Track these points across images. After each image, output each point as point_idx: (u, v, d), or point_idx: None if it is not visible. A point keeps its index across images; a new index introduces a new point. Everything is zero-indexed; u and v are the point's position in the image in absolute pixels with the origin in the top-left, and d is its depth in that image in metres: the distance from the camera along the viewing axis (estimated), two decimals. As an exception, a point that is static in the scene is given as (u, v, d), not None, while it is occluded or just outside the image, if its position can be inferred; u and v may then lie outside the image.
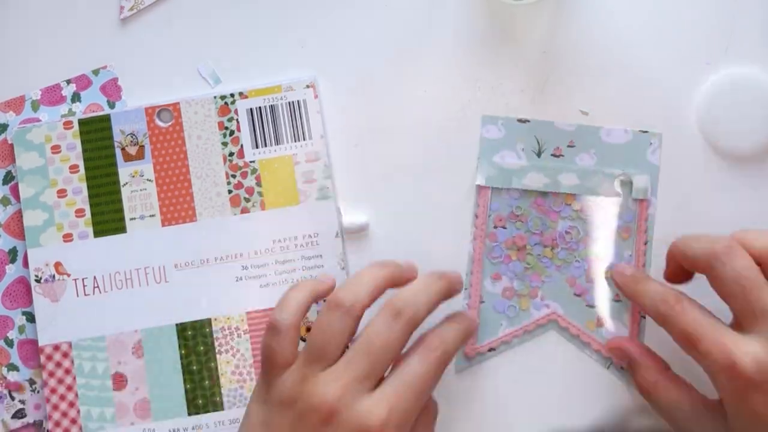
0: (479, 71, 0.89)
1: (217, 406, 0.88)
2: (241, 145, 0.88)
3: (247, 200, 0.88)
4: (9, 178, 0.90)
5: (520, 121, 0.88)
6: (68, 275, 0.88)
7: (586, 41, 0.88)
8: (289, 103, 0.88)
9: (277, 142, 0.88)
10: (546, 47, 0.88)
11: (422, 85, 0.89)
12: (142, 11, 0.91)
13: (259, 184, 0.88)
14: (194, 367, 0.88)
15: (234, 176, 0.88)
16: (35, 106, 0.90)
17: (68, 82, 0.90)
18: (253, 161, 0.88)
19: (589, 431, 0.87)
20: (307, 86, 0.88)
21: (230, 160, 0.88)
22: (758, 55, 0.87)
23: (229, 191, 0.88)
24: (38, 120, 0.90)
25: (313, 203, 0.87)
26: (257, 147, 0.88)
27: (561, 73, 0.88)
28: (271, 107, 0.88)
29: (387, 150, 0.89)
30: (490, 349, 0.88)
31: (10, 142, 0.90)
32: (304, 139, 0.88)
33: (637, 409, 0.87)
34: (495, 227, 0.88)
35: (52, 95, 0.91)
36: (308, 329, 0.87)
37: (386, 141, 0.89)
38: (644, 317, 0.86)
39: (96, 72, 0.90)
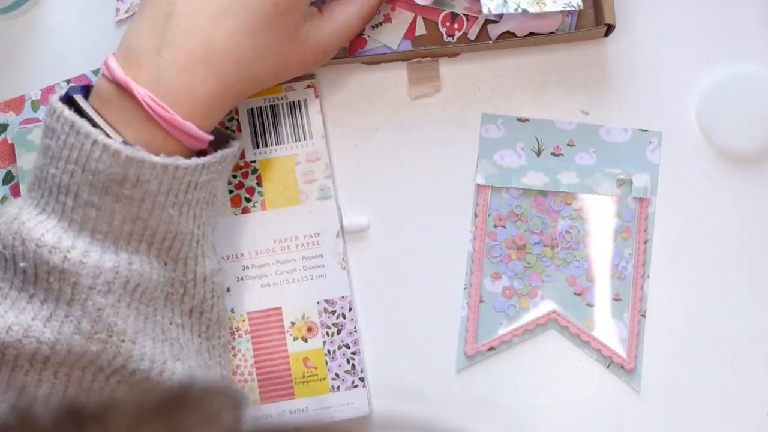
0: (479, 70, 0.89)
1: (219, 406, 0.88)
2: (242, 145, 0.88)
3: (248, 200, 0.88)
4: (9, 178, 0.90)
5: (519, 120, 0.88)
6: (69, 275, 0.88)
7: (586, 40, 0.88)
8: (289, 103, 0.88)
9: (278, 142, 0.88)
10: (546, 46, 0.88)
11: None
12: (142, 12, 0.91)
13: (259, 183, 0.88)
14: (195, 367, 0.88)
15: (235, 176, 0.88)
16: (35, 106, 0.90)
17: (68, 82, 0.90)
18: (254, 161, 0.88)
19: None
20: (308, 86, 0.88)
21: (231, 160, 0.88)
22: (758, 55, 0.87)
23: (230, 191, 0.88)
24: (39, 120, 0.90)
25: (314, 203, 0.88)
26: (258, 147, 0.88)
27: (561, 72, 0.88)
28: (272, 107, 0.88)
29: (387, 149, 0.89)
30: (490, 348, 0.88)
31: (10, 142, 0.90)
32: (304, 139, 0.88)
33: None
34: (495, 226, 0.88)
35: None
36: (309, 329, 0.87)
37: (386, 141, 0.89)
38: (644, 316, 0.87)
39: (96, 72, 0.90)
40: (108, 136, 0.74)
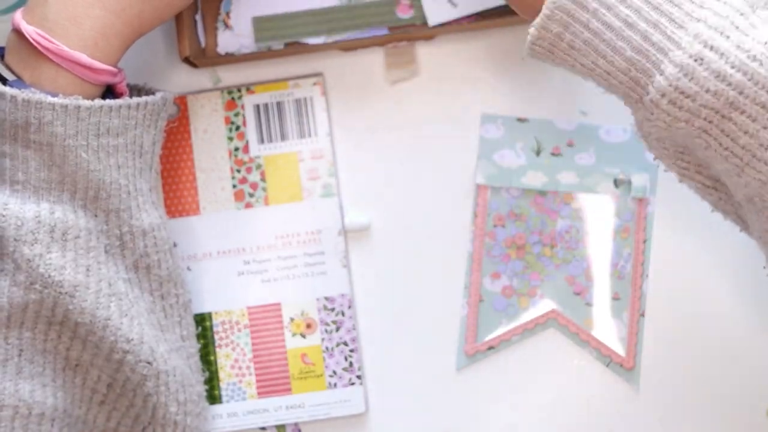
0: (479, 70, 0.90)
1: (215, 400, 0.88)
2: (247, 141, 0.89)
3: (251, 195, 0.88)
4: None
5: (519, 120, 0.89)
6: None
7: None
8: (296, 99, 0.89)
9: (283, 138, 0.89)
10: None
11: (423, 84, 0.90)
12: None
13: (263, 179, 0.88)
14: (195, 361, 0.88)
15: (239, 171, 0.88)
16: (38, 106, 0.91)
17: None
18: (258, 157, 0.89)
19: None
20: (315, 83, 0.89)
21: (235, 155, 0.89)
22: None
23: (234, 186, 0.88)
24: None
25: (317, 200, 0.88)
26: (263, 143, 0.89)
27: (560, 72, 0.89)
28: (278, 103, 0.89)
29: (387, 149, 0.90)
30: (490, 348, 0.88)
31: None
32: (309, 136, 0.88)
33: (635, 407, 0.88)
34: (494, 226, 0.88)
35: (55, 96, 0.91)
36: (308, 326, 0.88)
37: (386, 140, 0.90)
38: (643, 315, 0.87)
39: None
40: (4, 83, 0.75)
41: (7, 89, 0.74)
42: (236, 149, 0.89)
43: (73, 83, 0.76)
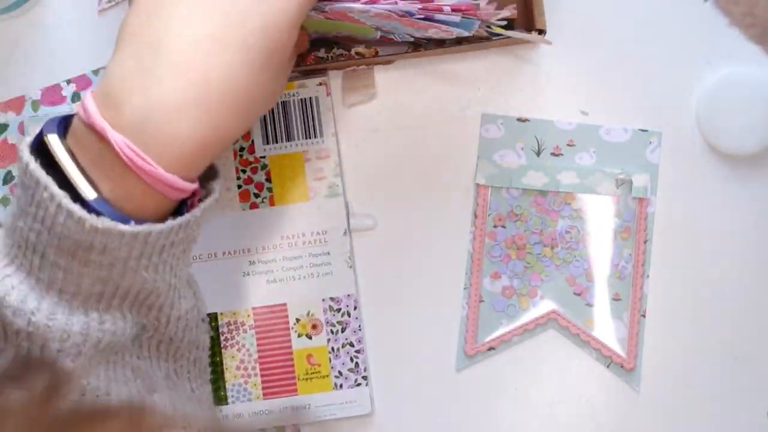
0: (479, 71, 0.90)
1: (221, 400, 0.88)
2: (252, 141, 0.88)
3: (257, 196, 0.88)
4: (9, 178, 0.89)
5: (519, 120, 0.89)
6: (71, 272, 0.88)
7: (586, 40, 0.90)
8: (301, 99, 0.88)
9: (288, 138, 0.88)
10: (546, 46, 0.90)
11: (423, 84, 0.90)
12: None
13: (269, 179, 0.88)
14: (200, 363, 0.87)
15: (244, 171, 0.88)
16: (35, 106, 0.90)
17: (68, 82, 0.90)
18: (264, 157, 0.88)
19: None
20: (320, 84, 0.89)
21: (241, 156, 0.88)
22: (758, 55, 0.89)
23: (239, 186, 0.88)
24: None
25: (323, 200, 0.88)
26: (268, 143, 0.88)
27: (561, 72, 0.90)
28: (283, 103, 0.88)
29: (387, 149, 0.90)
30: (490, 348, 0.88)
31: (10, 142, 0.89)
32: (315, 137, 0.88)
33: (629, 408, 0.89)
34: (495, 226, 0.89)
35: (52, 95, 0.90)
36: (313, 326, 0.87)
37: (386, 140, 0.90)
38: (644, 316, 0.88)
39: (96, 72, 0.90)
40: (76, 197, 0.66)
41: (76, 209, 0.65)
42: (241, 149, 0.88)
43: (160, 203, 0.69)
